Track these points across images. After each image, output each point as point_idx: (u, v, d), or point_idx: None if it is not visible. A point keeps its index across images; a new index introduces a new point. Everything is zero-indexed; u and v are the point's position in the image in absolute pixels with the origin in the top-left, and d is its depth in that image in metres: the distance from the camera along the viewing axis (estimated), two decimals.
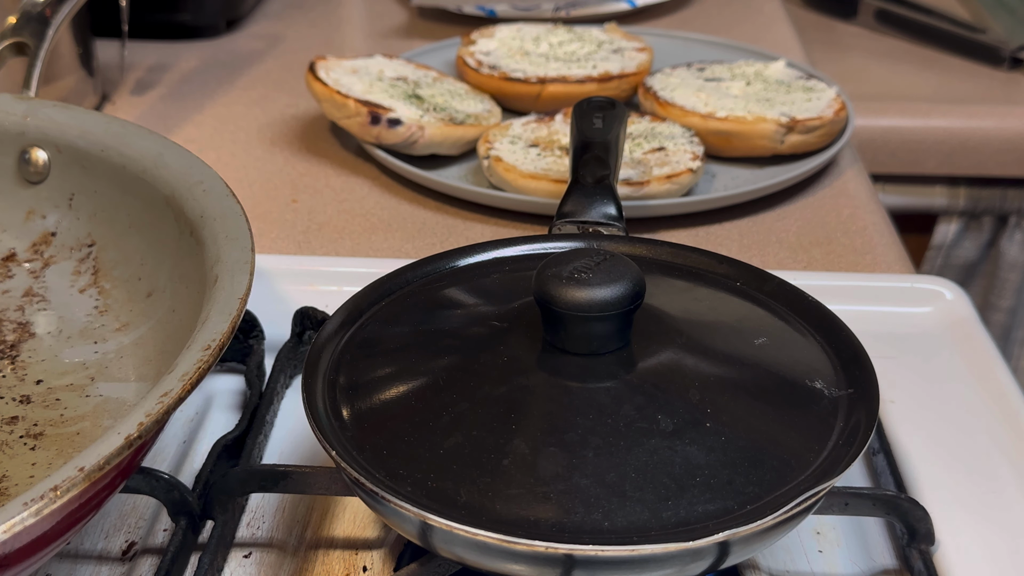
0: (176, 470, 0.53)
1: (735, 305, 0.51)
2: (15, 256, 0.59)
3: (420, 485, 0.40)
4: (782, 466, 0.41)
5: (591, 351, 0.44)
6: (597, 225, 0.57)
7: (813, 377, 0.45)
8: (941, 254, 1.12)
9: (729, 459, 0.41)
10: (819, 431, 0.43)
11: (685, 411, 0.42)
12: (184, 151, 0.55)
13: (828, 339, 0.48)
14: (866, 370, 0.46)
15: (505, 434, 0.42)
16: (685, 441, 0.41)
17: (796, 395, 0.45)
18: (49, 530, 0.36)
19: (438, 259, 0.53)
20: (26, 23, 0.67)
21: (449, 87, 0.85)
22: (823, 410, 0.44)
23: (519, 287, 0.49)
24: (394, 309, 0.50)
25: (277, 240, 0.73)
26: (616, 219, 0.57)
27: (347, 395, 0.45)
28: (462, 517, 0.39)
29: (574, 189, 0.59)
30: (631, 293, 0.44)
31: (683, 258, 0.53)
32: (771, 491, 0.40)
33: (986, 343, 0.60)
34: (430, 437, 0.42)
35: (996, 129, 1.04)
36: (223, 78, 0.99)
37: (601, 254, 0.45)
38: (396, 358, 0.47)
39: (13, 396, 0.51)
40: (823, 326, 0.49)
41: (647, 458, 0.41)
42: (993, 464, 0.53)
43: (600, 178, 0.59)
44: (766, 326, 0.49)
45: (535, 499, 0.39)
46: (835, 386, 0.45)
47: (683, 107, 0.81)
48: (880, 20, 1.21)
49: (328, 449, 0.42)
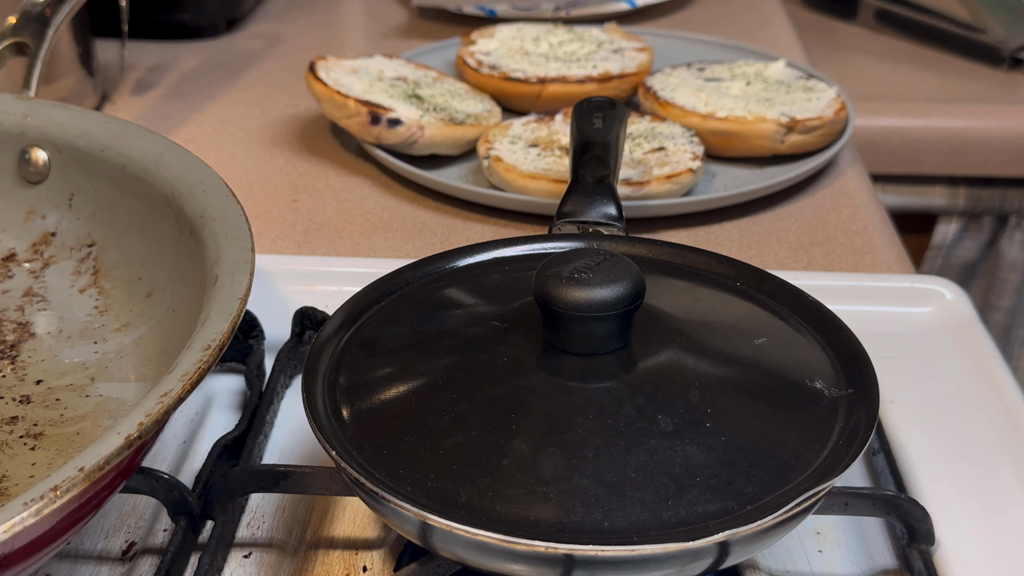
0: (176, 470, 0.53)
1: (735, 305, 0.51)
2: (15, 256, 0.59)
3: (420, 485, 0.40)
4: (782, 466, 0.41)
5: (591, 351, 0.44)
6: (597, 225, 0.57)
7: (813, 377, 0.45)
8: (941, 254, 1.12)
9: (729, 459, 0.41)
10: (819, 431, 0.43)
11: (685, 411, 0.42)
12: (184, 151, 0.55)
13: (828, 339, 0.48)
14: (866, 370, 0.46)
15: (505, 434, 0.42)
16: (685, 441, 0.41)
17: (796, 395, 0.45)
18: (49, 530, 0.36)
19: (438, 259, 0.53)
20: (26, 23, 0.67)
21: (449, 87, 0.85)
22: (823, 410, 0.44)
23: (519, 287, 0.49)
24: (394, 309, 0.50)
25: (277, 240, 0.73)
26: (616, 219, 0.57)
27: (347, 395, 0.45)
28: (462, 517, 0.39)
29: (574, 189, 0.59)
30: (631, 293, 0.44)
31: (683, 258, 0.53)
32: (771, 491, 0.40)
33: (986, 343, 0.60)
34: (430, 437, 0.42)
35: (996, 129, 1.04)
36: (223, 78, 0.99)
37: (601, 254, 0.45)
38: (396, 358, 0.47)
39: (13, 396, 0.51)
40: (823, 326, 0.49)
41: (647, 458, 0.41)
42: (993, 464, 0.53)
43: (600, 178, 0.59)
44: (766, 326, 0.49)
45: (535, 499, 0.39)
46: (835, 386, 0.45)
47: (683, 107, 0.81)
48: (880, 20, 1.21)
49: (328, 449, 0.42)
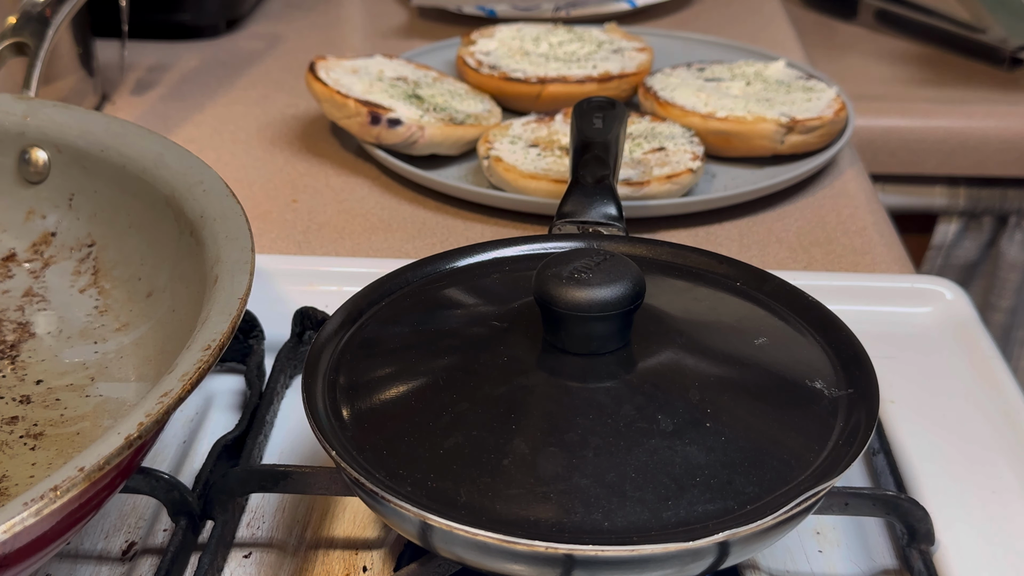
0: (176, 470, 0.53)
1: (735, 305, 0.51)
2: (15, 256, 0.59)
3: (420, 485, 0.40)
4: (782, 466, 0.41)
5: (591, 351, 0.44)
6: (597, 225, 0.56)
7: (813, 377, 0.45)
8: (941, 254, 1.12)
9: (729, 459, 0.41)
10: (819, 431, 0.43)
11: (685, 411, 0.42)
12: (184, 151, 0.55)
13: (828, 339, 0.48)
14: (866, 370, 0.46)
15: (505, 434, 0.42)
16: (685, 441, 0.41)
17: (796, 395, 0.45)
18: (49, 530, 0.36)
19: (438, 259, 0.53)
20: (26, 23, 0.67)
21: (449, 87, 0.85)
22: (823, 410, 0.44)
23: (519, 287, 0.49)
24: (394, 309, 0.50)
25: (277, 240, 0.73)
26: (616, 219, 0.57)
27: (347, 395, 0.45)
28: (462, 517, 0.39)
29: (574, 189, 0.59)
30: (631, 293, 0.44)
31: (683, 258, 0.53)
32: (771, 491, 0.40)
33: (986, 343, 0.60)
34: (430, 437, 0.42)
35: (996, 129, 1.04)
36: (223, 78, 0.99)
37: (601, 254, 0.45)
38: (396, 358, 0.47)
39: (13, 396, 0.51)
40: (823, 326, 0.48)
41: (647, 458, 0.40)
42: (993, 464, 0.53)
43: (600, 178, 0.59)
44: (766, 326, 0.49)
45: (535, 499, 0.39)
46: (835, 386, 0.45)
47: (683, 107, 0.81)
48: (880, 20, 1.21)
49: (328, 449, 0.42)
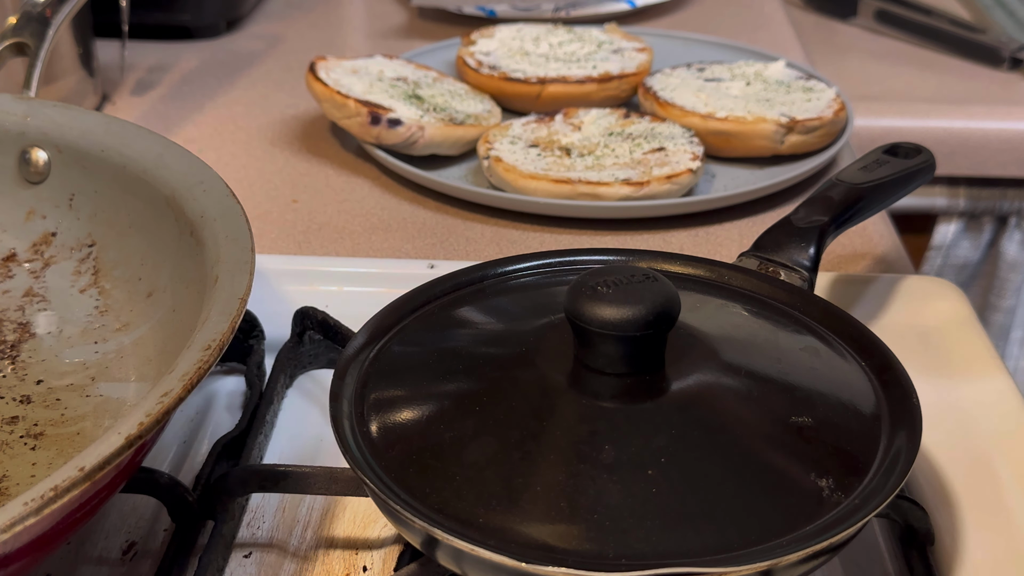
0: (176, 470, 0.53)
1: (774, 327, 0.49)
2: (15, 256, 0.59)
3: (447, 506, 0.39)
4: (820, 493, 0.40)
5: (623, 371, 0.43)
6: (781, 267, 0.53)
7: (853, 402, 0.44)
8: (941, 254, 1.12)
9: (762, 485, 0.39)
10: (859, 458, 0.41)
11: (720, 435, 0.41)
12: (184, 151, 0.55)
13: (870, 364, 0.46)
14: (908, 397, 0.44)
15: (534, 454, 0.40)
16: (719, 466, 0.40)
17: (835, 420, 0.43)
18: (50, 530, 0.36)
19: (469, 272, 0.52)
20: (26, 23, 0.67)
21: (449, 87, 0.85)
22: (863, 435, 0.42)
23: (552, 303, 0.47)
24: (421, 325, 0.49)
25: (277, 240, 0.73)
26: (805, 268, 0.53)
27: (374, 412, 0.44)
28: (495, 546, 0.37)
29: (783, 224, 0.55)
30: (664, 313, 0.42)
31: (724, 277, 0.51)
32: (810, 520, 0.38)
33: (985, 343, 0.60)
34: (457, 456, 0.41)
35: (996, 129, 1.04)
36: (223, 78, 0.99)
37: (636, 271, 0.43)
38: (424, 375, 0.46)
39: (13, 396, 0.51)
40: (865, 350, 0.47)
41: (679, 483, 0.39)
42: (993, 464, 0.52)
43: (815, 222, 0.55)
44: (807, 349, 0.47)
45: (564, 523, 0.38)
46: (875, 411, 0.44)
47: (683, 107, 0.81)
48: (880, 20, 1.21)
49: (358, 472, 0.41)
